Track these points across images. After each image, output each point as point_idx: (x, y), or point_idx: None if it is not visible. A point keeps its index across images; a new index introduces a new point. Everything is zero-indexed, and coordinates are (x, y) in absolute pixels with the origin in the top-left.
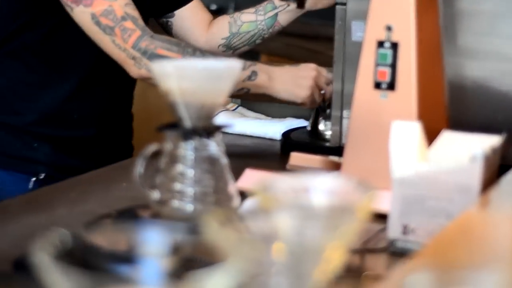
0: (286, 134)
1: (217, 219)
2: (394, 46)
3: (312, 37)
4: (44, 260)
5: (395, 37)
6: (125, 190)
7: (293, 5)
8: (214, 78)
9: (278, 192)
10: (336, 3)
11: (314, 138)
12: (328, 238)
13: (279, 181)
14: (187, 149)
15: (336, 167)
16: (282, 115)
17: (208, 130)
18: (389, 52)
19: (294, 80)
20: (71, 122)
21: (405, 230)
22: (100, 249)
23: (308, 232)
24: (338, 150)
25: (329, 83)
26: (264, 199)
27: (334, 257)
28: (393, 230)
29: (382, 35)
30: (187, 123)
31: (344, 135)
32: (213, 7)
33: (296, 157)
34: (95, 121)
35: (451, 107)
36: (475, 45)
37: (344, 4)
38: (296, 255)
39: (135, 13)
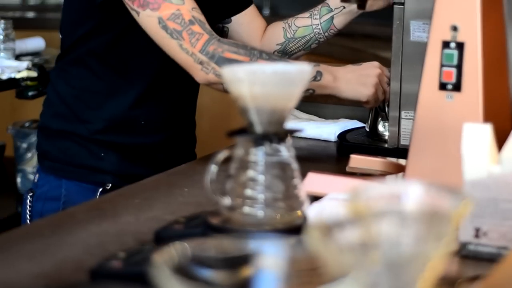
0: (342, 136)
1: (320, 231)
2: (460, 46)
3: (350, 35)
4: (165, 273)
5: (460, 37)
6: (187, 196)
7: (351, 6)
8: (285, 82)
9: (370, 200)
10: (394, 3)
11: (370, 139)
12: (432, 247)
13: (370, 188)
14: (258, 155)
15: (399, 169)
16: (335, 116)
17: (279, 135)
18: (455, 53)
19: (359, 79)
20: (138, 129)
21: (477, 233)
22: (215, 261)
23: (406, 241)
24: (396, 152)
25: (389, 83)
26: (356, 207)
27: (438, 265)
28: (465, 233)
29: (448, 35)
30: (258, 128)
31: (401, 136)
32: None
33: (356, 160)
34: (162, 127)
35: None
36: None
37: (402, 3)
38: (397, 264)
39: (202, 17)
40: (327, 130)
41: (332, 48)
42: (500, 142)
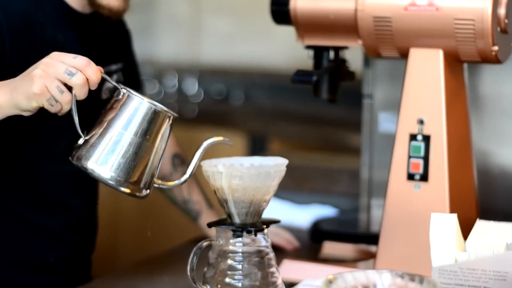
0: (315, 223)
1: None
2: (427, 139)
3: (324, 122)
4: None
5: (427, 130)
6: (168, 283)
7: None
8: (263, 176)
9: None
10: (363, 95)
11: (343, 227)
12: None
13: (343, 276)
14: (237, 245)
15: (370, 255)
16: (307, 202)
17: (257, 226)
18: (422, 145)
19: (21, 79)
20: None
21: None
22: None
23: None
24: (367, 238)
25: (70, 71)
26: None
27: None
28: None
29: (415, 128)
30: (236, 219)
31: (372, 223)
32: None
33: (329, 246)
34: None
35: (478, 194)
36: (499, 129)
37: (371, 96)
38: None
39: None
40: (299, 216)
41: (302, 134)
42: (466, 229)
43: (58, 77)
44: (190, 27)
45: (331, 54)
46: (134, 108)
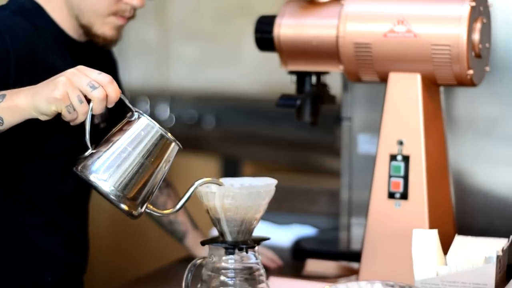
0: (297, 242)
1: None
2: (406, 159)
3: (296, 144)
4: None
5: (406, 151)
6: None
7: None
8: (253, 196)
9: None
10: (342, 118)
11: (324, 245)
12: None
13: (338, 287)
14: (229, 262)
15: (352, 272)
16: (288, 222)
17: (248, 244)
18: (401, 165)
19: (45, 84)
20: None
21: None
22: None
23: None
24: (348, 255)
25: (95, 85)
26: None
27: None
28: None
29: (395, 149)
30: (229, 237)
31: (352, 241)
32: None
33: (312, 264)
34: None
35: (455, 211)
36: (474, 149)
37: (350, 119)
38: None
39: None
40: (281, 236)
41: (274, 157)
42: (445, 244)
43: (80, 88)
44: (158, 52)
45: (313, 79)
46: (144, 130)
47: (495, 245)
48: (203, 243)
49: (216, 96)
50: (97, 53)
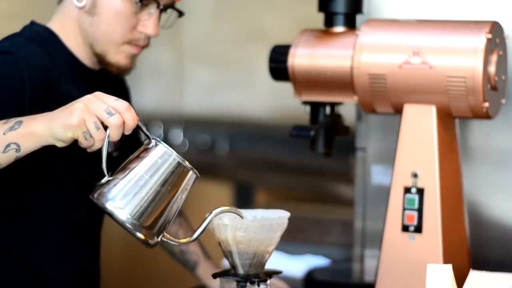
0: (309, 273)
1: None
2: (420, 191)
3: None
4: None
5: (421, 183)
6: None
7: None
8: (266, 228)
9: None
10: (356, 148)
11: (336, 276)
12: None
13: None
14: None
15: None
16: (301, 253)
17: (260, 277)
18: (416, 197)
19: (61, 110)
20: None
21: None
22: None
23: None
24: (361, 287)
25: (111, 111)
26: None
27: None
28: None
29: (409, 182)
30: (240, 270)
31: (366, 273)
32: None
33: None
34: None
35: (470, 244)
36: (489, 180)
37: (364, 149)
38: None
39: None
40: (293, 267)
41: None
42: (459, 279)
43: (97, 114)
44: (172, 76)
45: (327, 109)
46: (161, 158)
47: (511, 281)
48: (214, 276)
49: (229, 120)
50: (111, 81)
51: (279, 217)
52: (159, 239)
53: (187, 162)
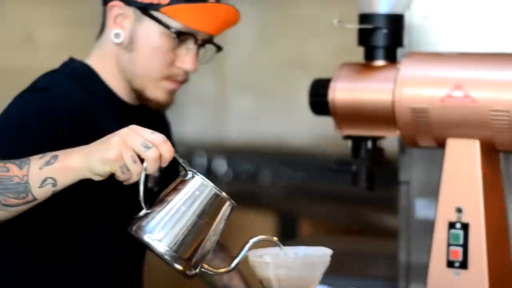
0: None
1: None
2: (465, 227)
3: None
4: None
5: (465, 218)
6: None
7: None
8: (308, 266)
9: None
10: (399, 182)
11: None
12: None
13: None
14: None
15: None
16: (344, 286)
17: None
18: (460, 233)
19: (98, 144)
20: None
21: None
22: None
23: None
24: None
25: (149, 145)
26: None
27: None
28: None
29: (453, 216)
30: None
31: None
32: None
33: None
34: None
35: None
36: None
37: (408, 182)
38: None
39: None
40: None
41: (333, 214)
42: None
43: (134, 148)
44: (215, 105)
45: (369, 143)
46: (198, 190)
47: None
48: None
49: (272, 149)
50: (151, 116)
51: (322, 255)
52: (197, 270)
53: (224, 193)
